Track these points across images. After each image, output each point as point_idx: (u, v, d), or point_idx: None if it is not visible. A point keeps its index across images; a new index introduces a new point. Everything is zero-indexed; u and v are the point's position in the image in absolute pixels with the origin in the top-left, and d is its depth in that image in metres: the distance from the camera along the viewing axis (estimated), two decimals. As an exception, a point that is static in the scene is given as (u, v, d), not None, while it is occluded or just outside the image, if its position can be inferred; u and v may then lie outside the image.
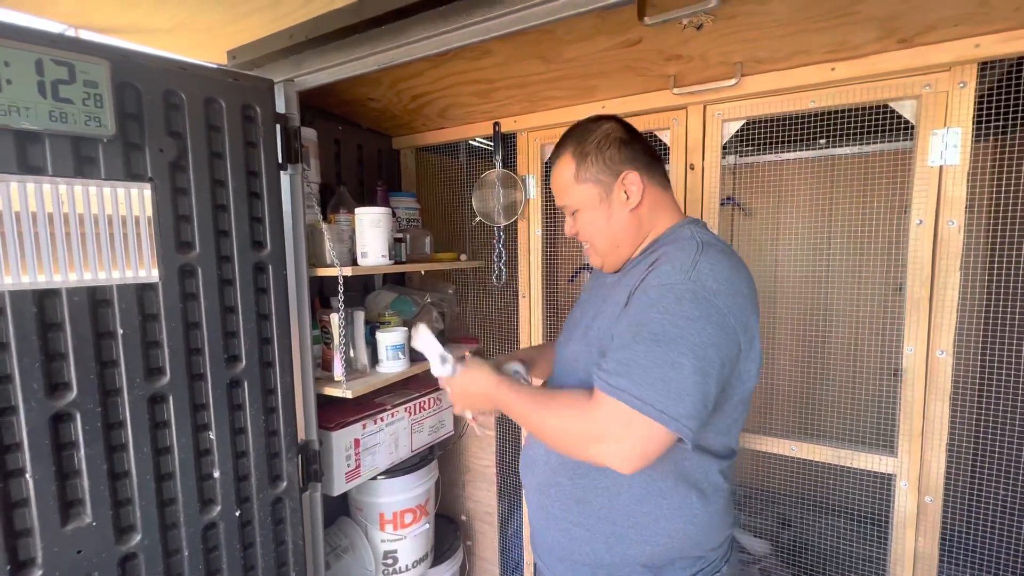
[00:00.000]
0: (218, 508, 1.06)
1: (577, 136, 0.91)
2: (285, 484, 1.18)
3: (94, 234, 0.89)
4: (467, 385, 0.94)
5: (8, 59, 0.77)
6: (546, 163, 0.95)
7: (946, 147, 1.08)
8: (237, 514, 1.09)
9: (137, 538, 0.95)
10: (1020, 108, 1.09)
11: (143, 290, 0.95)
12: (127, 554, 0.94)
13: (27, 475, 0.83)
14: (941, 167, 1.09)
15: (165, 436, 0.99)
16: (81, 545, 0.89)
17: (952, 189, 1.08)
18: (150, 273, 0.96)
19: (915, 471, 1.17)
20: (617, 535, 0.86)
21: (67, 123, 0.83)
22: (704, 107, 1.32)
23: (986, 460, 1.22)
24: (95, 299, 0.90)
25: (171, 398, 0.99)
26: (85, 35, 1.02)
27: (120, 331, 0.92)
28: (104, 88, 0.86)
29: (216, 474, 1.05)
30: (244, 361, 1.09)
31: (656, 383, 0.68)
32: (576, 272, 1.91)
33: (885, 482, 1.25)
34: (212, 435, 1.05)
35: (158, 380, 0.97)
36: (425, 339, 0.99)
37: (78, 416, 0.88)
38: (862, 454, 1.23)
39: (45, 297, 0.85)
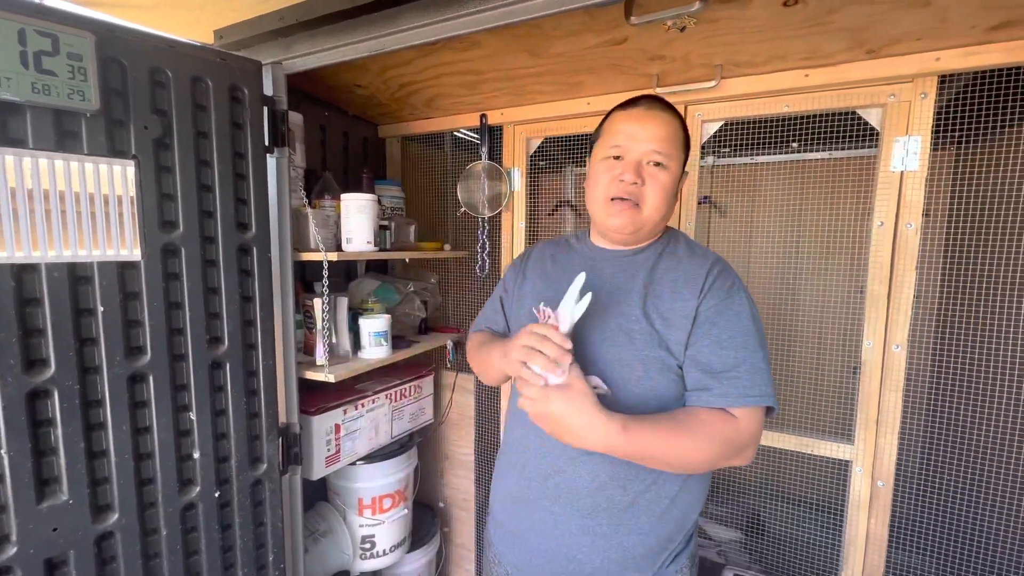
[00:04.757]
0: (197, 489, 1.06)
1: (675, 110, 0.91)
2: (265, 467, 1.18)
3: (75, 210, 0.88)
4: (565, 415, 0.73)
5: (-10, 27, 0.75)
6: (630, 101, 0.90)
7: (907, 154, 1.15)
8: (216, 495, 1.09)
9: (114, 517, 0.95)
10: (979, 120, 1.17)
11: (124, 268, 0.94)
12: (104, 532, 0.94)
13: (2, 451, 0.82)
14: (902, 172, 1.16)
15: (145, 416, 0.98)
16: (57, 523, 0.88)
17: (911, 193, 1.15)
18: (132, 252, 0.95)
19: (869, 458, 1.24)
20: (668, 523, 0.87)
21: (50, 96, 0.82)
22: (685, 107, 1.36)
23: (936, 447, 1.31)
24: (75, 276, 0.88)
25: (151, 377, 0.98)
26: (69, 7, 1.00)
27: (100, 308, 0.91)
28: (88, 62, 0.85)
29: (196, 455, 1.05)
30: (227, 343, 1.09)
31: (769, 380, 0.81)
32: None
33: (842, 468, 1.32)
34: (193, 416, 1.04)
35: (138, 359, 0.97)
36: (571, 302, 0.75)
37: (55, 393, 0.87)
38: (823, 442, 1.30)
39: (24, 272, 0.83)
